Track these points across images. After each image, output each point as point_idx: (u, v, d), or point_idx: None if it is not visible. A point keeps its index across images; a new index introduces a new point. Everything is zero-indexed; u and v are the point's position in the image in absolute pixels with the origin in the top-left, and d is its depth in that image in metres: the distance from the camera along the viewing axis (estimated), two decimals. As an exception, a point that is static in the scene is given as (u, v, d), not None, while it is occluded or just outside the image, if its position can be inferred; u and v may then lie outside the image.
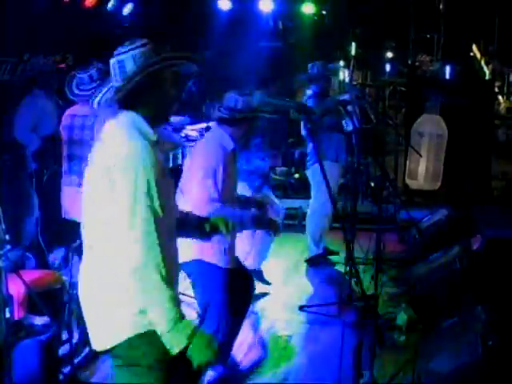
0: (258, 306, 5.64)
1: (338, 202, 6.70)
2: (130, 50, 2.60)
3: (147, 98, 2.63)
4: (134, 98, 2.60)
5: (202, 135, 6.91)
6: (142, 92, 2.60)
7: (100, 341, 2.63)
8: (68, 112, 4.92)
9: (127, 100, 2.60)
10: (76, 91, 4.69)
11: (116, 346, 2.57)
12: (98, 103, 2.68)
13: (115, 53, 2.62)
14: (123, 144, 2.53)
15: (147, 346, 2.53)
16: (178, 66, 2.68)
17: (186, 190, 4.00)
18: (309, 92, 6.68)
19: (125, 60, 2.59)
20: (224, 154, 4.05)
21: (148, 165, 2.48)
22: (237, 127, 4.14)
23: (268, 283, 6.02)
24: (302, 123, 6.56)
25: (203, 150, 4.20)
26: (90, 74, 4.63)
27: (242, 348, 4.79)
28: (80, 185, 4.63)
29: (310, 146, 6.69)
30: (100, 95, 2.67)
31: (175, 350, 2.45)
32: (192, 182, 4.00)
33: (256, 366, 4.61)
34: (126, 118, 2.62)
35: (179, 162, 6.74)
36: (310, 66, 6.73)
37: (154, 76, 2.59)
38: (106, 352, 2.62)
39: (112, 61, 2.62)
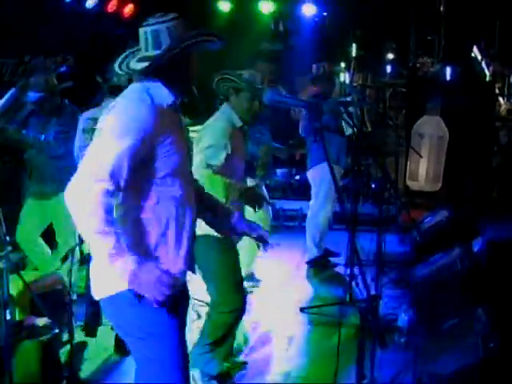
0: (258, 306, 5.64)
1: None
2: (164, 22, 2.64)
3: (175, 71, 2.67)
4: (164, 69, 2.63)
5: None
6: (173, 64, 2.65)
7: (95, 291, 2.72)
8: (87, 115, 4.83)
9: (156, 71, 2.63)
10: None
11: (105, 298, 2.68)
12: (120, 67, 2.71)
13: (147, 22, 2.66)
14: (123, 107, 2.57)
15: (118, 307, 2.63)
16: (207, 43, 2.74)
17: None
18: (311, 92, 6.67)
19: (159, 30, 2.63)
20: (232, 129, 4.15)
21: (145, 127, 2.50)
22: (241, 100, 4.26)
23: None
24: (300, 124, 6.56)
25: (212, 124, 4.29)
26: None
27: (243, 349, 4.79)
28: None
29: (309, 147, 6.69)
30: (121, 59, 2.72)
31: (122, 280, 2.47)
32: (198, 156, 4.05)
33: (256, 366, 4.61)
34: (140, 85, 2.65)
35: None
36: (314, 66, 6.72)
37: (187, 51, 2.64)
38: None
39: (144, 29, 2.66)
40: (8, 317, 3.39)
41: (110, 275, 2.57)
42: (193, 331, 4.39)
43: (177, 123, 2.71)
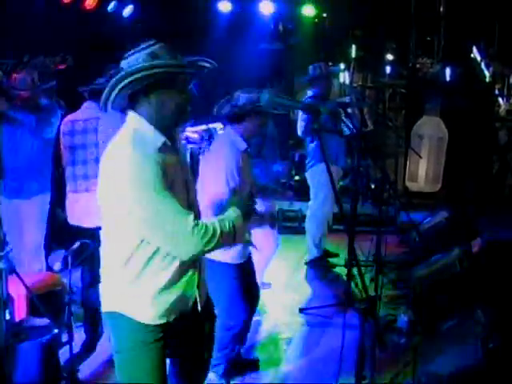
0: (259, 308, 5.64)
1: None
2: (144, 48, 2.61)
3: (156, 98, 2.62)
4: (145, 94, 2.60)
5: (202, 137, 6.91)
6: (152, 90, 2.60)
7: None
8: (68, 118, 4.87)
9: (137, 96, 2.60)
10: None
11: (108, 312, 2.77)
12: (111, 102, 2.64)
13: (127, 55, 2.63)
14: (124, 159, 2.55)
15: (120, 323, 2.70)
16: (190, 74, 2.73)
17: (203, 191, 4.01)
18: (309, 93, 6.67)
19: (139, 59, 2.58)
20: (237, 154, 4.10)
21: (148, 176, 2.51)
22: (245, 124, 4.18)
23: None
24: (299, 124, 6.55)
25: (216, 151, 4.25)
26: None
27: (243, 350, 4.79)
28: (87, 190, 4.64)
29: (309, 148, 6.69)
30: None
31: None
32: (207, 183, 4.03)
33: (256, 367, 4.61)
34: (131, 125, 2.64)
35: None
36: (311, 67, 6.71)
37: (166, 77, 2.59)
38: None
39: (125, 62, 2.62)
40: (7, 317, 3.39)
41: (111, 293, 2.73)
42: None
43: (172, 162, 2.67)
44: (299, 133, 6.55)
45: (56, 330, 3.98)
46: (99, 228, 2.82)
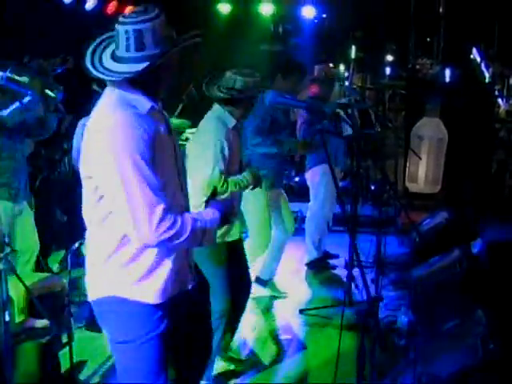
0: (258, 309, 5.64)
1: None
2: (148, 20, 2.42)
3: (158, 76, 2.53)
4: (147, 74, 2.47)
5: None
6: (158, 69, 2.49)
7: (90, 290, 2.73)
8: (83, 121, 4.74)
9: (138, 76, 2.46)
10: None
11: (97, 299, 2.69)
12: (93, 65, 2.50)
13: (128, 19, 2.44)
14: (107, 120, 2.46)
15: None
16: (188, 46, 2.57)
17: (191, 169, 4.01)
18: (310, 93, 6.67)
19: (143, 30, 2.43)
20: (226, 130, 4.08)
21: (130, 138, 2.40)
22: (236, 107, 4.16)
23: (279, 293, 6.05)
24: (298, 125, 6.55)
25: (205, 127, 4.21)
26: None
27: (243, 351, 4.79)
28: None
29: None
30: (89, 55, 2.52)
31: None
32: (196, 161, 4.03)
33: (256, 368, 4.61)
34: (114, 95, 2.53)
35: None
36: (316, 67, 6.72)
37: (170, 56, 2.49)
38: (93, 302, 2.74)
39: (124, 27, 2.44)
40: (7, 319, 3.39)
41: (101, 279, 2.63)
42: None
43: (162, 127, 2.60)
44: (299, 134, 6.55)
45: (56, 331, 3.99)
46: None
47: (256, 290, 5.62)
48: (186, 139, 6.98)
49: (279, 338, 5.15)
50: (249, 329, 5.18)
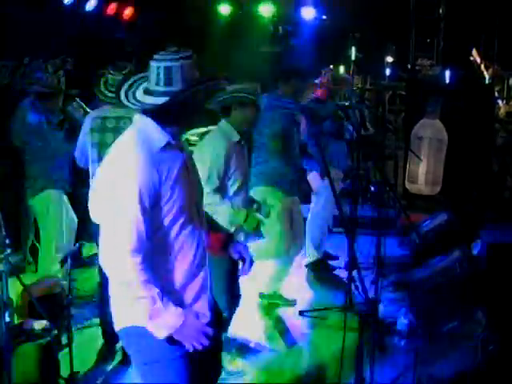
0: (259, 310, 5.64)
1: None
2: (178, 59, 2.64)
3: (178, 112, 2.69)
4: (170, 109, 2.66)
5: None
6: (181, 105, 2.67)
7: (115, 321, 2.81)
8: (94, 115, 4.75)
9: (162, 109, 2.65)
10: (108, 93, 4.57)
11: (120, 330, 2.78)
12: (126, 96, 2.72)
13: (160, 57, 2.66)
14: (125, 156, 2.63)
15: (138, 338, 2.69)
16: (214, 87, 2.84)
17: None
18: (311, 96, 6.66)
19: (173, 68, 2.63)
20: (228, 144, 4.16)
21: (144, 178, 2.55)
22: (233, 116, 4.26)
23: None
24: (301, 129, 6.54)
25: (208, 141, 4.31)
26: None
27: (243, 352, 4.79)
28: None
29: (310, 151, 6.69)
30: (126, 86, 2.74)
31: (159, 336, 2.62)
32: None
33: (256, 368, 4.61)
34: (135, 128, 2.71)
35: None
36: (323, 71, 6.73)
37: (195, 94, 2.67)
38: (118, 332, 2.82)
39: (156, 64, 2.65)
40: (7, 320, 3.39)
41: (124, 307, 2.72)
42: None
43: (177, 162, 2.70)
44: (302, 137, 6.55)
45: (55, 332, 3.98)
46: None
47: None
48: (186, 140, 6.99)
49: (280, 339, 5.15)
50: (249, 330, 5.18)
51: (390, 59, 12.09)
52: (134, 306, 2.61)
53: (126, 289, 2.60)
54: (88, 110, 5.43)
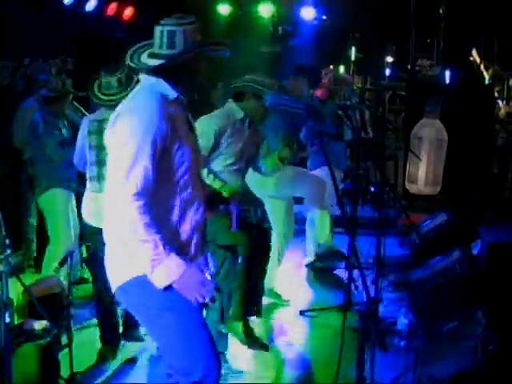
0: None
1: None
2: (182, 24, 2.77)
3: (183, 72, 2.80)
4: (173, 69, 2.77)
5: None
6: (183, 66, 2.78)
7: (114, 279, 2.83)
8: (92, 118, 4.74)
9: (165, 69, 2.76)
10: (102, 96, 4.57)
11: (124, 283, 2.77)
12: (131, 58, 2.83)
13: (165, 22, 2.78)
14: (135, 101, 2.76)
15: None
16: (217, 51, 2.93)
17: None
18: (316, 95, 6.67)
19: (176, 32, 2.76)
20: (229, 121, 4.35)
21: (158, 127, 2.62)
22: (244, 104, 4.43)
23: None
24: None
25: (207, 116, 4.47)
26: (119, 78, 4.53)
27: (243, 352, 4.79)
28: None
29: (310, 151, 6.69)
30: (132, 51, 2.85)
31: (160, 286, 2.65)
32: None
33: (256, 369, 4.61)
34: (147, 81, 2.81)
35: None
36: (323, 72, 6.74)
37: (197, 56, 2.81)
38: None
39: (160, 28, 2.77)
40: (7, 320, 3.39)
41: (125, 262, 2.73)
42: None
43: (182, 119, 2.82)
44: (301, 136, 6.55)
45: (56, 332, 3.98)
46: None
47: None
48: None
49: (279, 340, 5.14)
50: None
51: (390, 59, 12.09)
52: (135, 251, 2.63)
53: (127, 233, 2.61)
54: (85, 112, 5.45)
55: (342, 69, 10.99)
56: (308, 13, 10.20)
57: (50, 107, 5.46)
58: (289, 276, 6.53)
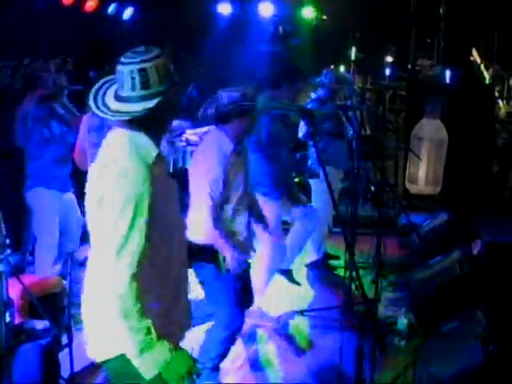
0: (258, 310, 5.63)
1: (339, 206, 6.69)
2: (151, 60, 2.48)
3: (159, 115, 2.54)
4: (150, 115, 2.50)
5: (202, 139, 6.91)
6: (159, 109, 2.51)
7: (95, 351, 2.62)
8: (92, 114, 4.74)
9: (143, 116, 2.50)
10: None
11: (108, 360, 2.58)
12: (96, 103, 2.55)
13: (129, 60, 2.48)
14: (118, 164, 2.47)
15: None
16: (188, 81, 2.67)
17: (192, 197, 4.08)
18: (313, 96, 6.66)
19: (148, 70, 2.47)
20: (224, 157, 4.05)
21: (140, 189, 2.42)
22: (231, 125, 4.10)
23: (298, 284, 6.20)
24: (300, 126, 6.55)
25: (203, 155, 4.20)
26: None
27: (243, 353, 4.79)
28: None
29: (311, 151, 6.69)
30: (94, 92, 2.57)
31: (147, 376, 2.45)
32: (195, 190, 4.04)
33: (256, 369, 4.61)
34: (125, 137, 2.54)
35: (180, 165, 6.76)
36: (324, 72, 6.74)
37: (173, 94, 2.53)
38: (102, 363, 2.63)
39: (128, 68, 2.47)
40: (7, 320, 3.39)
41: (109, 338, 2.52)
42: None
43: (164, 176, 2.65)
44: (300, 135, 6.56)
45: (55, 333, 3.98)
46: None
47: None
48: (186, 140, 6.99)
49: (279, 340, 5.15)
50: (248, 332, 5.18)
51: (390, 59, 12.10)
52: (125, 334, 2.42)
53: (118, 310, 2.40)
54: (75, 111, 5.45)
55: (342, 69, 10.99)
56: (308, 13, 10.20)
57: (44, 104, 5.45)
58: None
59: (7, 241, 3.51)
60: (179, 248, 2.69)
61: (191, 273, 3.58)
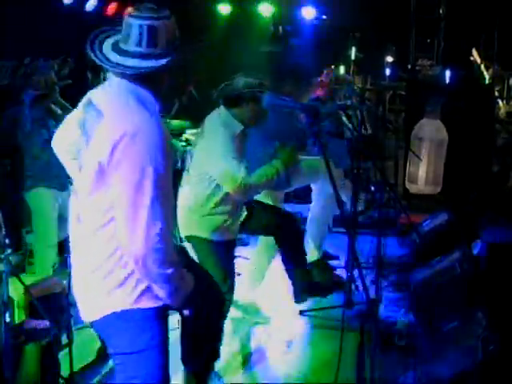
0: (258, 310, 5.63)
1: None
2: (162, 19, 2.45)
3: (158, 78, 2.53)
4: (156, 75, 2.50)
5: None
6: (159, 72, 2.50)
7: (89, 311, 2.70)
8: None
9: (150, 75, 2.48)
10: None
11: (103, 317, 2.64)
12: (94, 52, 2.50)
13: (143, 14, 2.44)
14: (130, 117, 2.42)
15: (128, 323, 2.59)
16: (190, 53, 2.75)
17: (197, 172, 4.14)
18: (312, 95, 6.67)
19: (158, 28, 2.43)
20: (232, 135, 4.12)
21: (159, 139, 2.40)
22: (241, 109, 4.20)
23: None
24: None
25: (211, 132, 4.24)
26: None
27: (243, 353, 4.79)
28: None
29: (310, 150, 6.68)
30: (92, 38, 2.53)
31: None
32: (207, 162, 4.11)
33: (256, 369, 4.61)
34: (128, 87, 2.49)
35: (179, 165, 6.76)
36: (324, 72, 6.74)
37: (176, 59, 2.52)
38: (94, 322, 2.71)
39: (138, 21, 2.44)
40: (8, 320, 3.39)
41: (100, 297, 2.61)
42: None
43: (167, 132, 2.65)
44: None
45: (56, 332, 3.98)
46: None
47: None
48: (186, 140, 6.99)
49: (279, 340, 5.14)
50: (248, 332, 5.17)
51: (390, 59, 12.09)
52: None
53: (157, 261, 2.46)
54: (69, 106, 5.44)
55: (342, 69, 10.98)
56: (308, 13, 10.20)
57: (40, 105, 5.45)
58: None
59: (7, 241, 3.51)
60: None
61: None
